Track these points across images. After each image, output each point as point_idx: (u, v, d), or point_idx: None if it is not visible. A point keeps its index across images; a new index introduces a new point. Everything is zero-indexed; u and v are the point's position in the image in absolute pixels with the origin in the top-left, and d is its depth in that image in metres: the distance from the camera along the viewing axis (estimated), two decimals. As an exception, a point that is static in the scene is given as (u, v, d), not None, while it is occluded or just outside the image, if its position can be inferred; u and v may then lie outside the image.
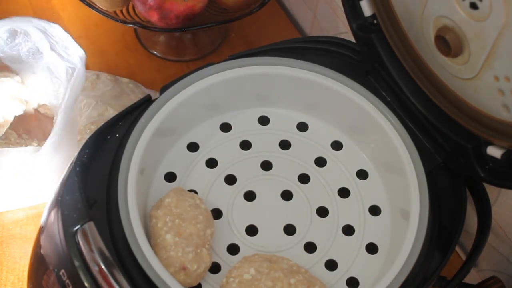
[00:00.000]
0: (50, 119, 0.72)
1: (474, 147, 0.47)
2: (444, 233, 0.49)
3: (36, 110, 0.73)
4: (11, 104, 0.71)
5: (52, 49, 0.64)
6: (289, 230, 0.52)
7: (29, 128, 0.72)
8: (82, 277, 0.43)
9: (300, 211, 0.53)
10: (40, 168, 0.59)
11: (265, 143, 0.57)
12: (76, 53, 0.63)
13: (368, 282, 0.50)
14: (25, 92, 0.72)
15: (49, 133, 0.58)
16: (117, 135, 0.51)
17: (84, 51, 0.78)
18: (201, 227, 0.48)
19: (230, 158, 0.56)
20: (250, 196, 0.54)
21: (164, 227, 0.47)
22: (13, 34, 0.66)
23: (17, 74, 0.71)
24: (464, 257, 0.65)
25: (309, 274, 0.48)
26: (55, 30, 0.64)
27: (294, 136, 0.58)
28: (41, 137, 0.71)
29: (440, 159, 0.51)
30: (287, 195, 0.54)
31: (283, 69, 0.55)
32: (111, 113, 0.71)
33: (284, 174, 0.55)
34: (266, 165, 0.56)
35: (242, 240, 0.51)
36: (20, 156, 0.57)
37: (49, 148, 0.58)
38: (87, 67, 0.78)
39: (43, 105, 0.73)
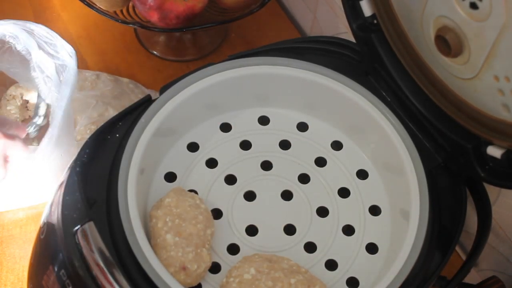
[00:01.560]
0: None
1: (474, 147, 0.47)
2: (444, 233, 0.49)
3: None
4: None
5: (40, 48, 0.64)
6: (289, 230, 0.52)
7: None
8: (82, 277, 0.43)
9: (300, 211, 0.53)
10: (39, 166, 0.59)
11: (265, 143, 0.57)
12: (65, 50, 0.63)
13: (368, 282, 0.50)
14: (26, 95, 0.73)
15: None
16: (117, 135, 0.51)
17: (83, 50, 0.78)
18: (201, 227, 0.48)
19: (230, 158, 0.56)
20: (250, 196, 0.54)
21: (164, 227, 0.47)
22: (2, 38, 0.66)
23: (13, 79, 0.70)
24: (464, 257, 0.65)
25: (309, 274, 0.48)
26: (41, 30, 0.64)
27: (294, 136, 0.58)
28: (42, 137, 0.71)
29: (440, 159, 0.51)
30: (287, 195, 0.54)
31: (283, 69, 0.55)
32: (111, 113, 0.71)
33: (284, 174, 0.55)
34: (266, 165, 0.56)
35: (242, 240, 0.51)
36: (20, 155, 0.58)
37: (47, 146, 0.58)
38: (87, 67, 0.78)
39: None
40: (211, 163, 0.55)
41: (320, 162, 0.56)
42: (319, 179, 0.55)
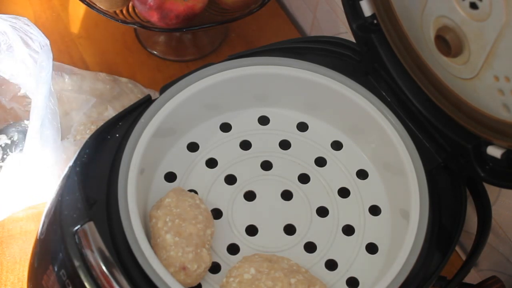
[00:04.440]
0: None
1: (474, 147, 0.47)
2: (444, 233, 0.49)
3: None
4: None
5: (24, 42, 0.64)
6: (289, 230, 0.52)
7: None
8: (82, 277, 0.43)
9: (300, 211, 0.53)
10: (28, 163, 0.58)
11: (265, 143, 0.57)
12: (40, 42, 0.62)
13: (368, 282, 0.50)
14: None
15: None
16: (117, 135, 0.51)
17: (83, 50, 0.78)
18: (201, 227, 0.48)
19: (230, 158, 0.56)
20: (250, 196, 0.54)
21: (164, 227, 0.47)
22: None
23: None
24: (464, 257, 0.65)
25: (309, 274, 0.48)
26: (24, 23, 0.63)
27: (294, 136, 0.58)
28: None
29: (440, 159, 0.51)
30: (287, 195, 0.54)
31: (283, 69, 0.55)
32: (111, 112, 0.71)
33: (284, 174, 0.55)
34: (266, 165, 0.56)
35: (242, 240, 0.51)
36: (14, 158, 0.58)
37: (31, 139, 0.57)
38: (87, 67, 0.78)
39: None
40: (211, 163, 0.55)
41: (320, 162, 0.56)
42: (319, 179, 0.55)
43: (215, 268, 0.50)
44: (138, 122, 0.50)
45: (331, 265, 0.51)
